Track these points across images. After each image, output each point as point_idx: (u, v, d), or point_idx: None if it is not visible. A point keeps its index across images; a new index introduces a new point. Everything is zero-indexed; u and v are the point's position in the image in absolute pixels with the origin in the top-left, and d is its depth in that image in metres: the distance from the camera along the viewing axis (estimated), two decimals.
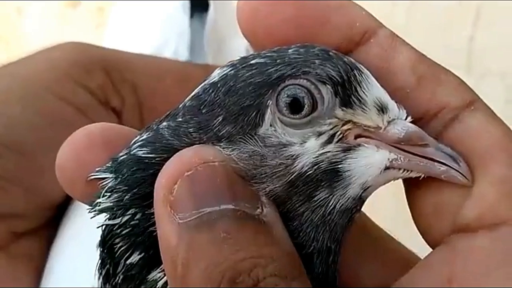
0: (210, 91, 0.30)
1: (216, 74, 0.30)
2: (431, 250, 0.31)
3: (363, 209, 0.31)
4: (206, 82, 0.30)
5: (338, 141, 0.29)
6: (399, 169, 0.29)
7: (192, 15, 0.68)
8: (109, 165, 0.30)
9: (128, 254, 0.29)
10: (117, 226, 0.29)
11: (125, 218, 0.29)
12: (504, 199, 0.29)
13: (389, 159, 0.29)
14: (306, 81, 0.29)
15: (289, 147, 0.29)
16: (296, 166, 0.29)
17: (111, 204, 0.30)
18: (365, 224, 0.35)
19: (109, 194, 0.30)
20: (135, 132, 0.32)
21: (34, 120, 0.47)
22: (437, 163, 0.29)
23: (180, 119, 0.30)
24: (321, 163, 0.29)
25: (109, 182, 0.30)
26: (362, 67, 0.30)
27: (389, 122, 0.29)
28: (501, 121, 0.30)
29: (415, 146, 0.29)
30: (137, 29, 0.71)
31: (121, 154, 0.30)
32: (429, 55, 0.31)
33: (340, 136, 0.29)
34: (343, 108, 0.29)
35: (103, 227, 0.30)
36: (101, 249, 0.30)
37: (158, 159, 0.29)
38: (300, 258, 0.28)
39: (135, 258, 0.29)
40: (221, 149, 0.29)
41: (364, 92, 0.29)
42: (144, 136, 0.30)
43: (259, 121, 0.29)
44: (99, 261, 0.31)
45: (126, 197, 0.29)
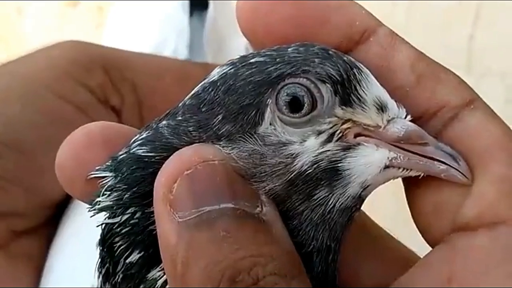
0: (210, 89, 0.30)
1: (216, 72, 0.30)
2: (430, 249, 0.31)
3: (362, 208, 0.31)
4: (205, 80, 0.30)
5: (337, 140, 0.29)
6: (399, 168, 0.29)
7: (192, 13, 0.68)
8: (108, 163, 0.30)
9: (127, 253, 0.29)
10: (117, 225, 0.29)
11: (124, 217, 0.29)
12: (503, 198, 0.29)
13: (388, 158, 0.29)
14: (306, 80, 0.29)
15: (288, 146, 0.29)
16: (295, 165, 0.29)
17: (110, 203, 0.30)
18: (364, 223, 0.35)
19: (108, 192, 0.30)
20: (134, 131, 0.32)
21: (34, 118, 0.47)
22: (436, 162, 0.29)
23: (179, 117, 0.30)
24: (320, 162, 0.29)
25: (109, 181, 0.30)
26: (362, 66, 0.30)
27: (388, 121, 0.29)
28: (500, 120, 0.30)
29: (414, 145, 0.29)
30: (136, 28, 0.71)
31: (120, 153, 0.30)
32: (429, 55, 0.31)
33: (340, 135, 0.29)
34: (342, 107, 0.29)
35: (103, 226, 0.30)
36: (100, 248, 0.30)
37: (157, 157, 0.29)
38: (300, 257, 0.28)
39: (134, 257, 0.29)
40: (221, 148, 0.29)
41: (363, 91, 0.29)
42: (144, 135, 0.30)
43: (258, 119, 0.29)
44: (99, 260, 0.31)
45: (126, 195, 0.29)
